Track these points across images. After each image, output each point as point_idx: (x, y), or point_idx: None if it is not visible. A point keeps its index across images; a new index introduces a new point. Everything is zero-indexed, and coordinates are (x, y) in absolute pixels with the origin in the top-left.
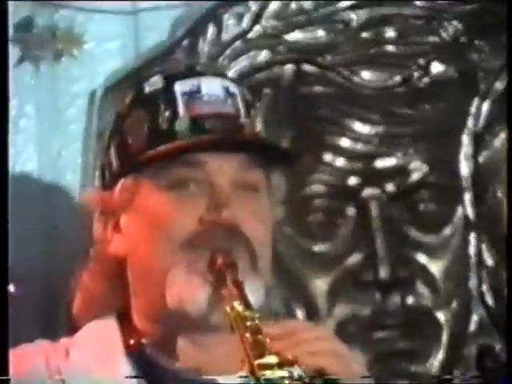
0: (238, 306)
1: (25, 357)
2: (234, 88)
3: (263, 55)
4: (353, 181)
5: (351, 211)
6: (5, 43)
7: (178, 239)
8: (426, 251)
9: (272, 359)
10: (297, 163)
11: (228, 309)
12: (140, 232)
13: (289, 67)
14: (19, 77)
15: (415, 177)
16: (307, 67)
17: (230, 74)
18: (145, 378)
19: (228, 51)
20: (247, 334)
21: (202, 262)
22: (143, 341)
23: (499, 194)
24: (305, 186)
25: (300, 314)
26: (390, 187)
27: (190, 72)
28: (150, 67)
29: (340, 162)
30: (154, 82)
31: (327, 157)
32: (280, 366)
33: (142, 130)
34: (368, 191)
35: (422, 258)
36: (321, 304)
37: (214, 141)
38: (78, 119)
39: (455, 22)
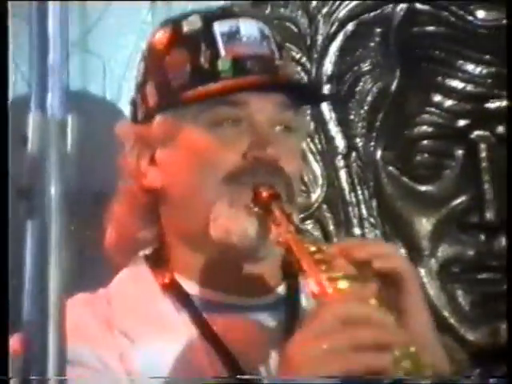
0: (293, 231)
1: (70, 308)
2: (267, 30)
3: None
4: (462, 122)
5: (459, 153)
6: (5, 43)
7: (221, 174)
8: None
9: (338, 272)
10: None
11: (282, 235)
12: (180, 166)
13: (401, 6)
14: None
15: None
16: (420, 6)
17: (343, 13)
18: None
19: None
20: (311, 250)
21: (246, 195)
22: (176, 276)
23: None
24: (413, 127)
25: (403, 252)
26: (500, 129)
27: (227, 13)
28: None
29: (449, 103)
30: (192, 22)
31: (436, 98)
32: (347, 277)
33: (183, 68)
34: (477, 133)
35: None
36: (424, 244)
37: (257, 81)
38: None
39: None
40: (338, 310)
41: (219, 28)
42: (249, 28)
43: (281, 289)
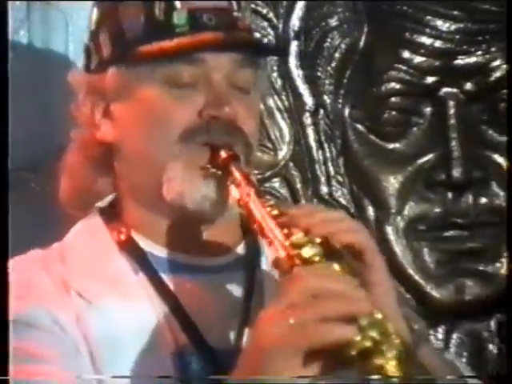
0: (254, 194)
1: (25, 267)
2: None
3: None
4: (430, 79)
5: (427, 110)
6: (5, 43)
7: (176, 132)
8: (503, 151)
9: (302, 238)
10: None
11: (242, 198)
12: (135, 121)
13: None
14: None
15: (496, 76)
16: None
17: None
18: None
19: None
20: (273, 214)
21: (202, 156)
22: (133, 233)
23: None
24: (381, 84)
25: (370, 210)
26: (468, 86)
27: None
28: None
29: (418, 59)
30: None
31: (405, 54)
32: (311, 243)
33: (138, 19)
34: (446, 90)
35: (498, 159)
36: (391, 202)
37: (213, 39)
38: None
39: None
40: (304, 284)
41: None
42: None
43: (240, 248)
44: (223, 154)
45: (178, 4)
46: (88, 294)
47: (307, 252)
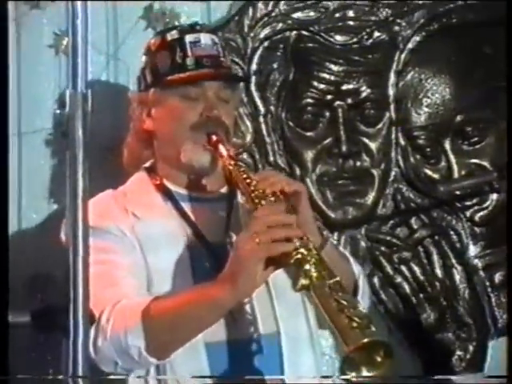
0: (233, 162)
1: (103, 199)
2: (216, 39)
3: (280, 25)
4: (329, 96)
5: (327, 114)
6: (5, 44)
7: (187, 125)
8: (368, 136)
9: (260, 193)
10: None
11: (225, 164)
12: (164, 119)
13: (294, 32)
14: None
15: (363, 95)
16: (304, 32)
17: (262, 35)
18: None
19: (260, 23)
20: (244, 177)
21: (202, 139)
22: (164, 180)
23: (409, 105)
24: (302, 99)
25: (297, 170)
26: (349, 100)
27: (194, 29)
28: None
29: (321, 86)
30: (173, 34)
31: (314, 83)
32: (265, 196)
33: (166, 62)
34: (337, 103)
35: (366, 140)
36: (309, 165)
37: (208, 74)
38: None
39: (386, 9)
40: (262, 220)
41: (188, 38)
42: (206, 38)
43: (224, 189)
44: (214, 138)
45: (189, 53)
46: (138, 213)
47: (264, 201)
